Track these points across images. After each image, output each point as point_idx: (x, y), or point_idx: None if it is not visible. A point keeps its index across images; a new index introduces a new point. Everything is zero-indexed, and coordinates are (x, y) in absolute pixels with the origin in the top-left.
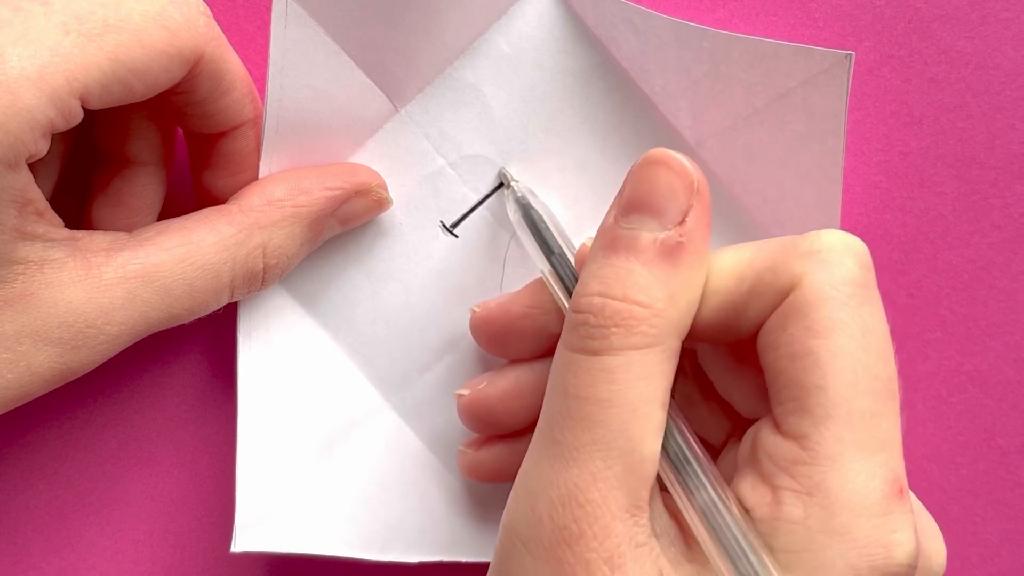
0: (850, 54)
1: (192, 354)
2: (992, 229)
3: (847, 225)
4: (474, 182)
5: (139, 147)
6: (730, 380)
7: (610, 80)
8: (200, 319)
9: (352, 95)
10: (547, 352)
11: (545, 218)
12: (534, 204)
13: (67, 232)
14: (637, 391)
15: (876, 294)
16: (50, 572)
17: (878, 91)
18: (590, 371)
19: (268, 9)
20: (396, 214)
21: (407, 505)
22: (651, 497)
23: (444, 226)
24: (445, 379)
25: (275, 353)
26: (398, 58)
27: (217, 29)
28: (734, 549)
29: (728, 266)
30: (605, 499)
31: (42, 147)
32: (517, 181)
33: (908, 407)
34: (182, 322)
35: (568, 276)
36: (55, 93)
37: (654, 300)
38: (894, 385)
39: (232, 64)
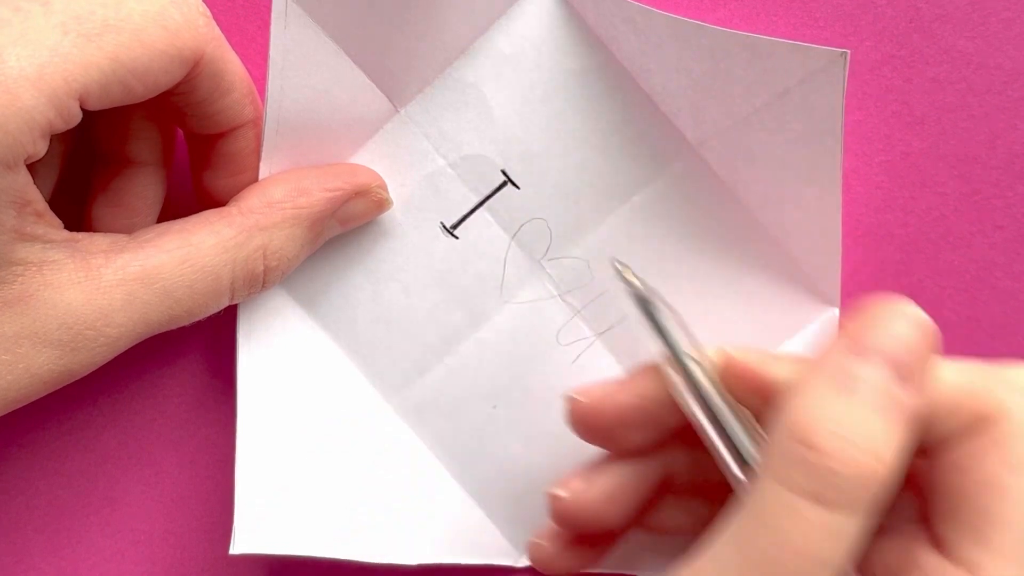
0: (845, 52)
1: (192, 355)
2: (994, 229)
3: (848, 225)
4: (474, 182)
5: (139, 148)
6: None
7: (611, 80)
8: (200, 320)
9: (352, 95)
10: (655, 447)
11: (671, 316)
12: (657, 301)
13: (66, 233)
14: (847, 556)
15: None
16: (50, 572)
17: (879, 91)
18: (820, 528)
19: (268, 9)
20: (396, 214)
21: (407, 506)
22: None
23: (444, 227)
24: (445, 380)
25: (275, 354)
26: (398, 58)
27: (217, 30)
28: None
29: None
30: None
31: (41, 148)
32: (637, 276)
33: None
34: (182, 324)
35: (707, 383)
36: (54, 93)
37: (889, 461)
38: None
39: (232, 64)
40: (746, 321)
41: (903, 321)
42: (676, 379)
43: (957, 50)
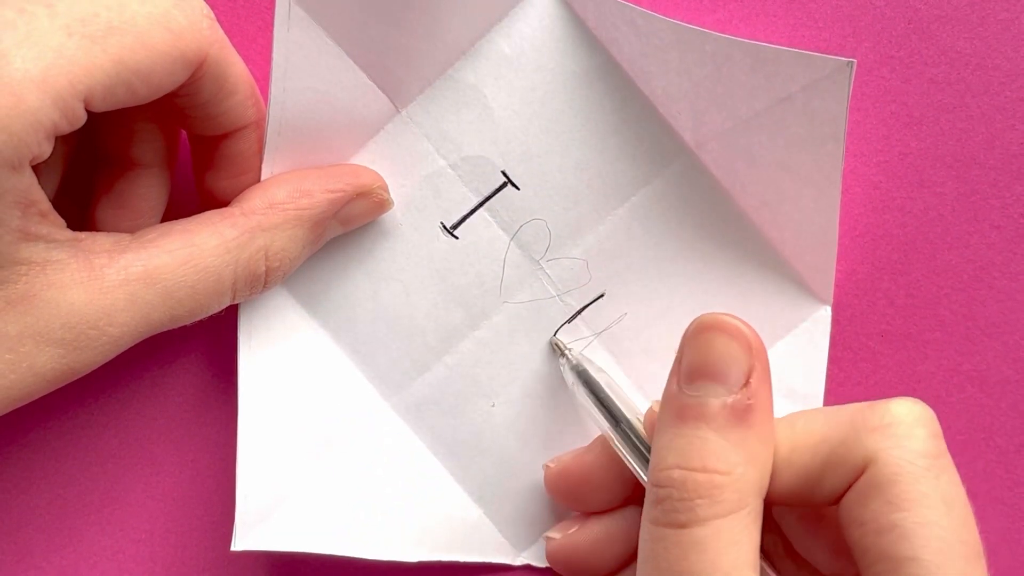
0: (851, 61)
1: (193, 354)
2: (991, 229)
3: (846, 226)
4: (475, 183)
5: (142, 149)
6: (809, 540)
7: (611, 82)
8: (201, 319)
9: (354, 96)
10: (628, 501)
11: (605, 386)
12: (592, 372)
13: (70, 233)
14: (729, 558)
15: (949, 461)
16: (51, 571)
17: (878, 92)
18: (680, 544)
19: (270, 11)
20: (396, 215)
21: (406, 504)
22: None
23: (444, 227)
24: (444, 379)
25: (275, 353)
26: (399, 59)
27: (220, 32)
28: None
29: (802, 437)
30: None
31: (45, 149)
32: (570, 349)
33: None
34: (184, 323)
35: (637, 441)
36: (59, 95)
37: (732, 466)
38: (979, 547)
39: (235, 67)
40: None
41: (719, 336)
42: (616, 439)
43: (955, 51)
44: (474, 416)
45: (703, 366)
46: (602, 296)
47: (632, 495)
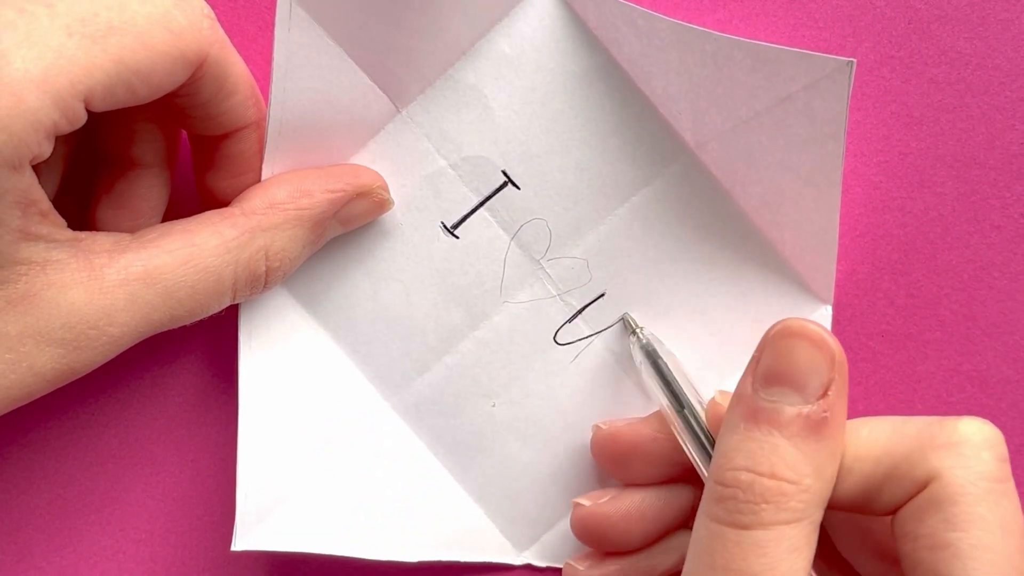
0: (852, 61)
1: (193, 354)
2: (991, 229)
3: (847, 226)
4: (475, 183)
5: (143, 149)
6: (855, 543)
7: (611, 82)
8: (201, 319)
9: (354, 96)
10: (669, 480)
11: (673, 368)
12: (661, 353)
13: (70, 233)
14: (787, 564)
15: (1012, 487)
16: (51, 571)
17: (878, 92)
18: (740, 545)
19: (271, 11)
20: (397, 214)
21: (406, 504)
22: None
23: (444, 227)
24: (444, 379)
25: (276, 353)
26: (400, 59)
27: (221, 32)
28: None
29: (865, 447)
30: None
31: (46, 149)
32: (642, 327)
33: (908, 407)
34: (184, 323)
35: (699, 430)
36: (59, 95)
37: (801, 476)
38: None
39: (236, 66)
40: (741, 320)
41: (802, 344)
42: (677, 423)
43: (955, 51)
44: (474, 416)
45: (783, 372)
46: (603, 296)
47: (677, 476)
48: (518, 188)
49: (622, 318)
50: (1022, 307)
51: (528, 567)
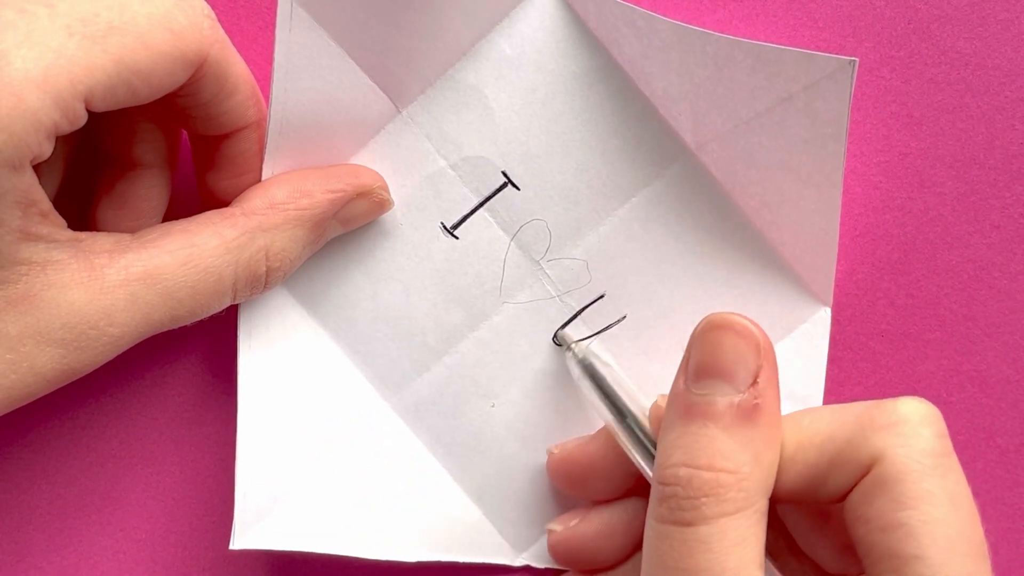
0: (853, 60)
1: (193, 354)
2: (991, 229)
3: (847, 226)
4: (475, 183)
5: (144, 150)
6: (813, 538)
7: (612, 83)
8: (201, 319)
9: (355, 96)
10: (630, 492)
11: (609, 379)
12: (598, 367)
13: (70, 233)
14: (735, 557)
15: (955, 460)
16: (51, 571)
17: (878, 92)
18: (685, 543)
19: (271, 11)
20: (397, 215)
21: (404, 504)
22: None
23: (444, 227)
24: (444, 379)
25: (275, 352)
26: (400, 60)
27: (221, 32)
28: None
29: (807, 435)
30: None
31: (46, 149)
32: (577, 342)
33: None
34: (184, 323)
35: (643, 437)
36: (59, 95)
37: (739, 465)
38: (984, 548)
39: (236, 67)
40: None
41: (728, 335)
42: (621, 434)
43: (955, 51)
44: (474, 417)
45: (711, 365)
46: (602, 297)
47: (635, 486)
48: (518, 189)
49: (556, 335)
50: (1022, 307)
51: (527, 568)
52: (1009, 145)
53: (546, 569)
